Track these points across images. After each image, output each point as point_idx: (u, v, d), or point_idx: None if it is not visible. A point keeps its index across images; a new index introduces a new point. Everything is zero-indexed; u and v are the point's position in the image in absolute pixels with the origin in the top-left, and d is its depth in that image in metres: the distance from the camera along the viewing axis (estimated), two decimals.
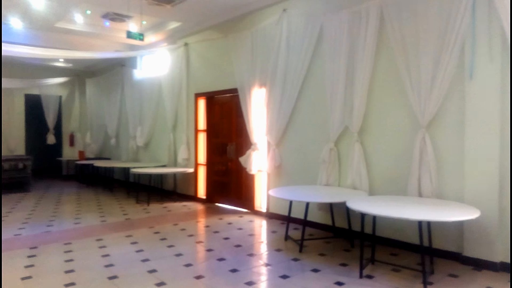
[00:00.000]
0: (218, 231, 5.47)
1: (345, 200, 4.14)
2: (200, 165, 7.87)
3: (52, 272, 3.89)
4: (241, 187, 6.97)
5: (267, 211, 6.28)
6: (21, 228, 5.66)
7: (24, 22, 7.13)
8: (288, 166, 5.93)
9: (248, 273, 3.86)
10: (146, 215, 6.59)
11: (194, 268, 4.01)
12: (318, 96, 5.46)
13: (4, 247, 4.76)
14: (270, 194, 4.85)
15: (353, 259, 4.21)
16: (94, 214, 6.69)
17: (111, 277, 3.72)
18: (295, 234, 5.17)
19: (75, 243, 4.89)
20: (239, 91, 6.51)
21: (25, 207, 7.33)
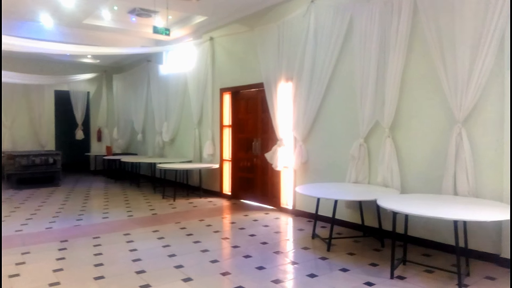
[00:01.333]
0: (244, 227, 5.43)
1: (375, 198, 4.00)
2: (225, 161, 7.84)
3: (82, 265, 3.94)
4: (266, 183, 6.90)
5: (293, 209, 6.18)
6: (52, 222, 5.80)
7: (54, 20, 7.27)
8: (315, 162, 5.81)
9: (275, 271, 3.79)
10: (172, 211, 6.62)
11: (220, 265, 3.98)
12: (347, 90, 5.30)
13: (37, 240, 4.88)
14: (297, 191, 4.75)
15: (383, 259, 4.07)
16: (121, 209, 6.79)
17: (139, 271, 3.73)
18: (322, 232, 5.06)
19: (103, 237, 4.96)
20: (265, 86, 6.42)
21: (55, 201, 7.52)
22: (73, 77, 11.27)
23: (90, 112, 12.27)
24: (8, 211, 6.55)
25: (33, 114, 11.16)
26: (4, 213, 6.38)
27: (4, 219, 5.92)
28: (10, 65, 9.93)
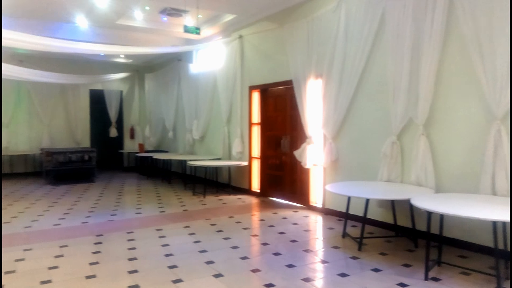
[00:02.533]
0: (273, 225, 5.43)
1: (409, 197, 3.90)
2: (254, 159, 7.87)
3: (116, 259, 4.07)
4: (295, 181, 6.87)
5: (323, 207, 6.13)
6: (87, 217, 6.01)
7: (89, 21, 7.51)
8: (346, 160, 5.72)
9: (305, 269, 3.78)
10: (202, 207, 6.71)
11: (250, 261, 4.00)
12: (379, 86, 5.19)
13: (73, 233, 5.08)
14: (327, 189, 4.70)
15: (417, 260, 3.97)
16: (153, 204, 6.95)
17: (171, 266, 3.81)
18: (353, 231, 4.99)
19: (136, 232, 5.09)
20: (294, 83, 6.39)
21: (90, 196, 7.79)
22: (107, 77, 11.62)
23: (123, 110, 12.62)
24: (47, 205, 6.84)
25: (70, 113, 11.62)
26: (43, 207, 6.67)
27: (43, 214, 6.19)
28: (47, 65, 10.38)
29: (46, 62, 10.58)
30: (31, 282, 3.44)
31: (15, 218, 5.89)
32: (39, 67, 9.91)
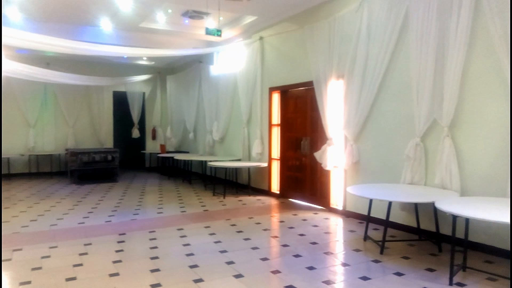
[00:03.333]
0: (293, 227, 5.41)
1: (433, 201, 3.82)
2: (274, 160, 7.86)
3: (139, 258, 4.14)
4: (315, 183, 6.82)
5: (344, 209, 6.06)
6: (111, 215, 6.13)
7: (113, 24, 7.68)
8: (367, 162, 5.65)
9: (326, 272, 3.74)
10: (222, 208, 6.75)
11: (270, 263, 4.00)
12: (402, 87, 5.10)
13: (97, 232, 5.19)
14: (348, 191, 4.64)
15: (441, 265, 3.88)
16: (174, 204, 7.03)
17: (192, 266, 3.84)
18: (375, 234, 4.91)
19: (158, 231, 5.16)
20: (315, 84, 6.35)
21: (114, 195, 7.94)
22: (129, 79, 11.85)
23: (145, 111, 12.84)
24: (71, 204, 7.02)
25: (94, 114, 11.90)
26: (68, 206, 6.85)
27: (68, 212, 6.35)
28: (73, 67, 10.67)
29: (72, 65, 10.88)
30: (56, 279, 3.53)
31: (42, 216, 6.07)
32: (65, 70, 10.21)
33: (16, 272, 3.72)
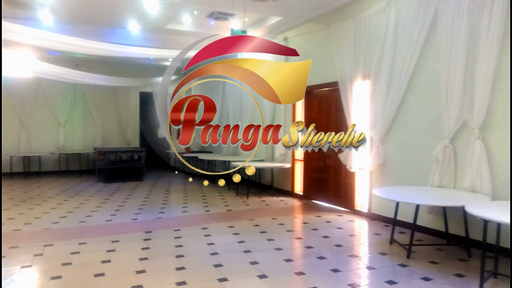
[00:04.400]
0: (317, 228, 5.37)
1: (463, 204, 3.71)
2: (297, 161, 7.83)
3: (164, 255, 4.21)
4: (340, 185, 6.75)
5: (369, 212, 5.97)
6: (137, 214, 6.26)
7: (140, 26, 7.84)
8: (394, 164, 5.54)
9: (350, 275, 3.70)
10: (245, 208, 6.78)
11: (294, 264, 3.98)
12: (430, 87, 4.98)
13: (124, 229, 5.32)
14: (374, 193, 4.57)
15: (470, 270, 3.77)
16: (199, 204, 7.11)
17: (216, 265, 3.88)
18: (401, 238, 4.81)
19: (183, 230, 5.24)
20: (340, 84, 6.28)
21: (140, 194, 8.10)
22: (156, 79, 12.05)
23: None
24: (99, 202, 7.21)
25: (121, 114, 12.19)
26: (96, 204, 7.04)
27: (96, 210, 6.53)
28: (101, 69, 10.94)
29: (100, 66, 11.17)
30: (85, 275, 3.64)
31: (71, 213, 6.26)
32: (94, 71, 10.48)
33: (48, 267, 3.85)
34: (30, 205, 6.84)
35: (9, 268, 3.79)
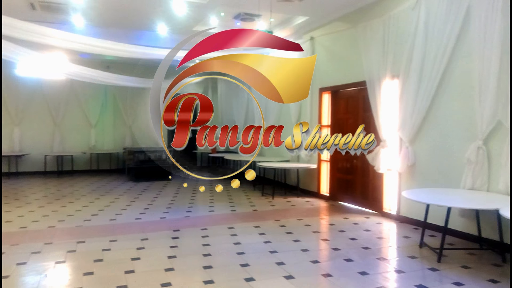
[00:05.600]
0: (344, 230, 5.31)
1: (497, 208, 3.58)
2: (323, 161, 7.76)
3: (192, 254, 4.28)
4: (367, 186, 6.65)
5: (397, 214, 5.84)
6: (165, 212, 6.38)
7: (168, 28, 7.99)
8: (424, 165, 5.41)
9: (379, 278, 3.64)
10: (271, 208, 6.78)
11: (321, 266, 3.96)
12: (462, 87, 4.83)
13: (153, 228, 5.43)
14: (403, 195, 4.48)
15: (505, 276, 3.63)
16: (225, 203, 7.17)
17: (243, 264, 3.90)
18: (431, 241, 4.69)
19: (210, 229, 5.30)
20: (367, 84, 6.19)
21: (168, 193, 8.26)
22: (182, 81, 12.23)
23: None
24: (129, 200, 7.39)
25: (149, 115, 12.42)
26: (125, 202, 7.22)
27: (126, 208, 6.70)
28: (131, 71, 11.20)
29: (130, 68, 11.43)
30: (116, 271, 3.74)
31: (102, 211, 6.45)
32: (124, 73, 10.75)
33: (80, 263, 3.99)
34: (63, 202, 7.10)
35: (44, 264, 3.95)
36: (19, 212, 6.27)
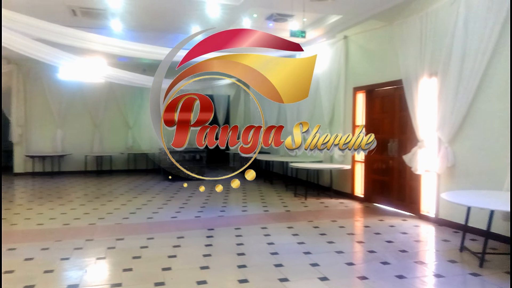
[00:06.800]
0: (380, 232, 5.19)
1: None
2: (357, 162, 7.63)
3: (226, 253, 4.33)
4: (404, 188, 6.47)
5: (436, 217, 5.65)
6: (199, 211, 6.50)
7: None
8: (464, 166, 5.20)
9: (417, 282, 3.54)
10: (304, 209, 6.74)
11: (356, 268, 3.90)
12: (505, 85, 4.61)
13: (188, 226, 5.55)
14: (443, 198, 4.33)
15: None
16: (257, 203, 7.20)
17: (277, 264, 3.91)
18: (472, 245, 4.51)
19: (243, 228, 5.34)
20: (404, 83, 6.02)
21: (202, 193, 8.39)
22: (216, 82, 12.40)
23: (230, 113, 13.37)
24: (165, 199, 7.58)
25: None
26: (161, 201, 7.40)
27: (162, 207, 6.87)
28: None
29: None
30: (154, 268, 3.85)
31: (139, 209, 6.65)
32: None
33: (119, 260, 4.13)
34: (103, 201, 7.38)
35: (86, 259, 4.12)
36: (62, 209, 6.57)
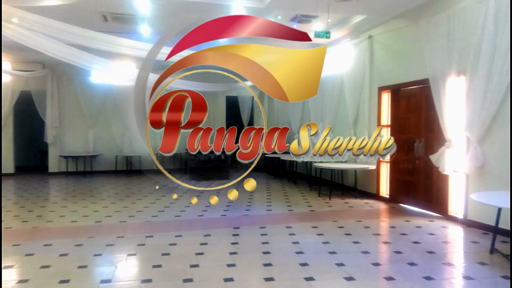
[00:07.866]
0: (406, 233, 5.15)
1: None
2: (383, 162, 7.56)
3: (252, 251, 4.41)
4: (431, 188, 6.37)
5: (465, 218, 5.55)
6: (225, 210, 6.62)
7: None
8: (494, 167, 5.09)
9: (445, 284, 3.51)
10: (328, 209, 6.75)
11: (382, 268, 3.90)
12: None
13: (214, 224, 5.68)
14: (472, 198, 4.26)
15: None
16: (282, 203, 7.26)
17: (303, 264, 3.96)
18: (503, 247, 4.41)
19: (268, 227, 5.42)
20: (431, 82, 5.94)
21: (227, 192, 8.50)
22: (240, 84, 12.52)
23: (254, 114, 13.48)
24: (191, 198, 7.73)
25: (209, 117, 12.66)
26: (188, 200, 7.55)
27: (189, 205, 7.03)
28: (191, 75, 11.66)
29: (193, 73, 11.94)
30: (182, 265, 3.98)
31: (167, 207, 6.84)
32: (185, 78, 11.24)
33: (149, 256, 4.29)
34: (133, 199, 7.62)
35: (117, 255, 4.30)
36: (94, 207, 6.85)
